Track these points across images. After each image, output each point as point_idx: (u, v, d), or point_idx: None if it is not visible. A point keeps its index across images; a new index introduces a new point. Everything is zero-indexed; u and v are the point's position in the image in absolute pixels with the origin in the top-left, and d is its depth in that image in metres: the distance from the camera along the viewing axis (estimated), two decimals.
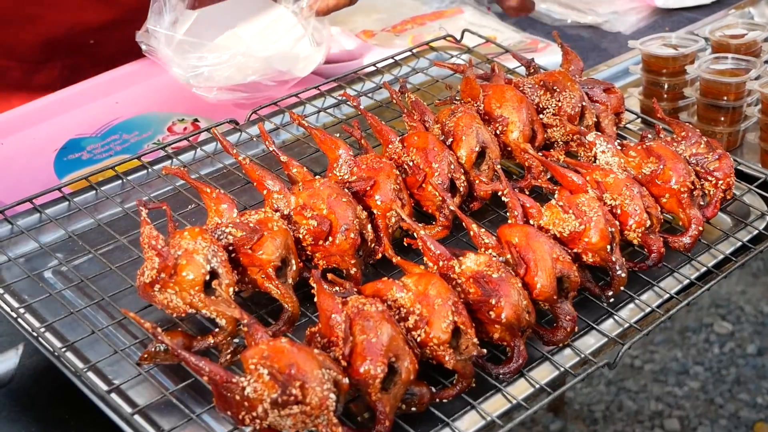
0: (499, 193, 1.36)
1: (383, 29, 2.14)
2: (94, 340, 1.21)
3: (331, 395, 1.01)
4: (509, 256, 1.23)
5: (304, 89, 1.72)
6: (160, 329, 1.11)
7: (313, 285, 1.15)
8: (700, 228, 1.37)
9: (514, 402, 1.14)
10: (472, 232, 1.28)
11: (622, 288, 1.29)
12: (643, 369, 3.18)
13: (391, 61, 1.82)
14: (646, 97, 1.79)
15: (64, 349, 1.19)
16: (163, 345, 1.13)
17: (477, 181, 1.41)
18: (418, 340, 1.12)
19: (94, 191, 1.48)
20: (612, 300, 1.30)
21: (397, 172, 1.36)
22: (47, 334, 1.21)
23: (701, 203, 1.41)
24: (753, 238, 1.42)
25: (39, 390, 1.23)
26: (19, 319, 1.23)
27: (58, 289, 1.31)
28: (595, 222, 1.27)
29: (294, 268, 1.23)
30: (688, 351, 3.25)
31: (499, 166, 1.41)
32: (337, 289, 1.18)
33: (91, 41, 1.98)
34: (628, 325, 1.26)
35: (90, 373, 1.16)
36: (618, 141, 1.48)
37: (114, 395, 1.13)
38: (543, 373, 1.19)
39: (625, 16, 2.21)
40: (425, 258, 1.24)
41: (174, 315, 1.18)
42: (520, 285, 1.18)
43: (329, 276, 1.21)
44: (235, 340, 1.17)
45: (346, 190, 1.31)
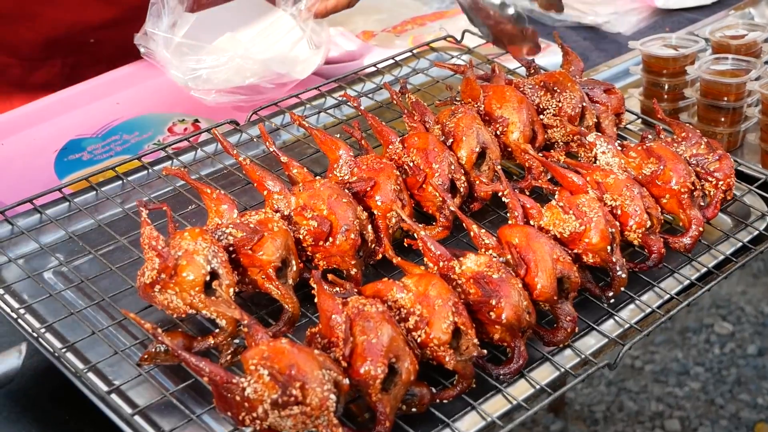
0: (500, 193, 1.36)
1: (384, 30, 2.14)
2: (94, 341, 1.21)
3: (332, 396, 1.01)
4: (509, 257, 1.23)
5: (305, 90, 1.72)
6: (160, 330, 1.11)
7: (314, 286, 1.15)
8: (701, 229, 1.37)
9: (515, 403, 1.14)
10: (472, 233, 1.28)
11: (622, 289, 1.29)
12: (643, 369, 3.18)
13: (391, 61, 1.81)
14: (646, 98, 1.79)
15: (64, 349, 1.19)
16: (164, 346, 1.13)
17: (477, 181, 1.41)
18: (419, 340, 1.12)
19: (95, 192, 1.48)
20: (612, 300, 1.30)
21: (398, 173, 1.36)
22: (47, 335, 1.21)
23: (701, 204, 1.41)
24: (753, 239, 1.42)
25: (39, 390, 1.23)
26: (19, 320, 1.23)
27: (58, 290, 1.31)
28: (595, 223, 1.27)
29: (294, 268, 1.23)
30: (689, 351, 3.25)
31: (499, 166, 1.41)
32: (337, 289, 1.18)
33: (92, 40, 1.98)
34: (628, 325, 1.26)
35: (90, 374, 1.16)
36: (618, 142, 1.48)
37: (114, 396, 1.13)
38: (543, 374, 1.19)
39: (626, 16, 2.20)
40: (425, 259, 1.24)
41: (174, 316, 1.18)
42: (520, 286, 1.18)
43: (329, 277, 1.21)
44: (236, 341, 1.17)
45: (346, 190, 1.31)
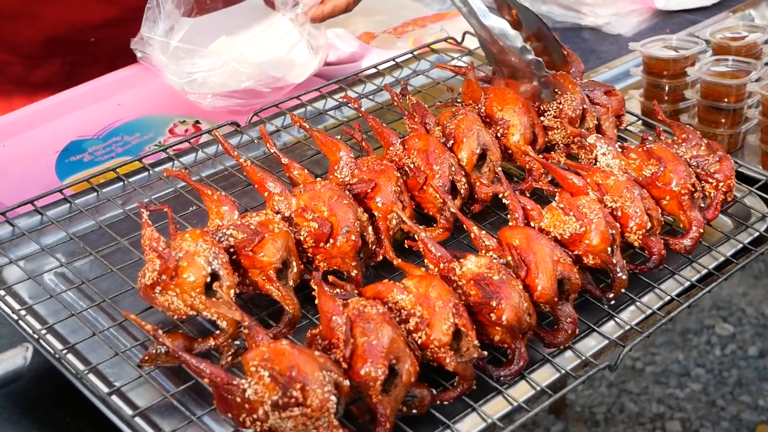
0: (500, 195, 1.36)
1: (384, 31, 2.14)
2: (94, 342, 1.21)
3: (332, 397, 1.01)
4: (510, 258, 1.23)
5: (306, 91, 1.72)
6: (160, 331, 1.11)
7: (314, 287, 1.15)
8: (701, 230, 1.37)
9: (515, 404, 1.14)
10: (472, 234, 1.28)
11: (622, 290, 1.29)
12: (644, 371, 3.18)
13: (392, 63, 1.82)
14: (646, 99, 1.79)
15: (64, 351, 1.19)
16: (164, 347, 1.13)
17: (478, 183, 1.41)
18: (419, 342, 1.12)
19: (96, 193, 1.48)
20: (613, 302, 1.30)
21: (398, 175, 1.36)
22: (48, 336, 1.21)
23: (702, 205, 1.41)
24: (754, 240, 1.42)
25: (40, 392, 1.23)
26: (20, 321, 1.23)
27: (59, 291, 1.31)
28: (595, 224, 1.27)
29: (295, 270, 1.23)
30: (690, 353, 3.25)
31: (500, 168, 1.41)
32: (338, 291, 1.19)
33: (92, 39, 1.98)
34: (629, 327, 1.26)
35: (91, 375, 1.16)
36: (619, 143, 1.48)
37: (115, 397, 1.13)
38: (544, 375, 1.19)
39: (626, 18, 2.20)
40: (426, 260, 1.24)
41: (175, 317, 1.18)
42: (520, 287, 1.18)
43: (330, 278, 1.21)
44: (236, 342, 1.17)
45: (347, 192, 1.31)
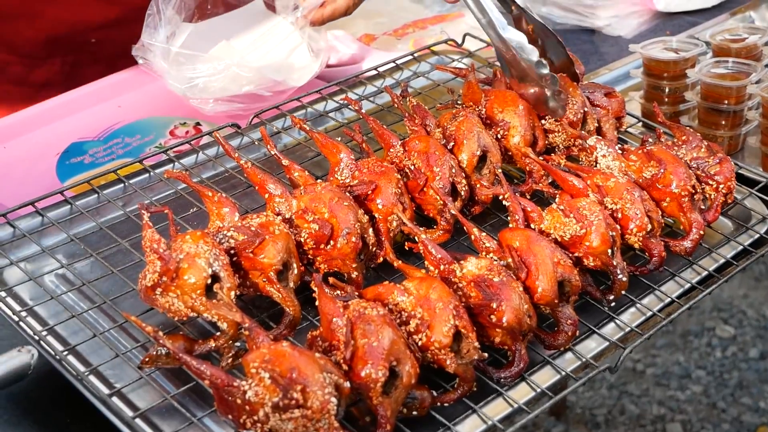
0: (500, 197, 1.36)
1: (385, 33, 2.14)
2: (95, 344, 1.21)
3: (333, 399, 1.01)
4: (510, 260, 1.23)
5: (306, 93, 1.72)
6: (161, 333, 1.11)
7: (315, 289, 1.15)
8: (701, 232, 1.37)
9: (516, 406, 1.14)
10: (473, 236, 1.29)
11: (623, 292, 1.29)
12: (645, 373, 3.18)
13: (392, 64, 1.82)
14: (647, 101, 1.79)
15: (65, 352, 1.19)
16: (165, 348, 1.13)
17: (478, 185, 1.41)
18: (420, 344, 1.12)
19: (96, 195, 1.48)
20: (613, 304, 1.30)
21: (399, 176, 1.36)
22: (49, 338, 1.21)
23: (702, 207, 1.41)
24: (754, 242, 1.42)
25: (40, 393, 1.23)
26: (20, 323, 1.23)
27: (59, 293, 1.31)
28: (596, 226, 1.27)
29: (295, 271, 1.23)
30: (691, 355, 3.25)
31: (500, 170, 1.41)
32: (338, 292, 1.19)
33: (93, 39, 1.98)
34: (629, 329, 1.26)
35: (91, 377, 1.16)
36: (619, 145, 1.48)
37: (115, 399, 1.13)
38: (544, 377, 1.19)
39: (626, 19, 2.20)
40: (426, 262, 1.24)
41: (175, 318, 1.18)
42: (521, 289, 1.18)
43: (330, 280, 1.21)
44: (237, 344, 1.17)
45: (347, 194, 1.31)
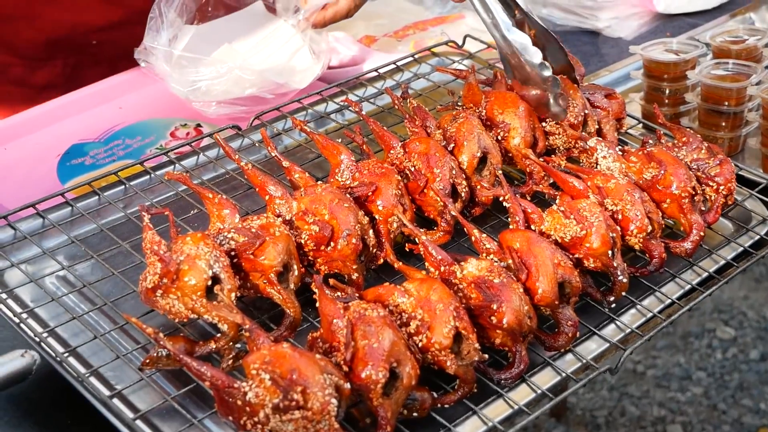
0: (501, 198, 1.37)
1: (385, 35, 2.14)
2: (96, 345, 1.21)
3: (333, 400, 1.02)
4: (510, 262, 1.23)
5: (307, 95, 1.72)
6: (162, 334, 1.11)
7: (315, 290, 1.15)
8: (702, 233, 1.37)
9: (516, 407, 1.14)
10: (473, 238, 1.29)
11: (623, 293, 1.29)
12: (645, 374, 3.18)
13: (392, 66, 1.82)
14: (647, 103, 1.79)
15: (66, 354, 1.19)
16: (165, 350, 1.13)
17: (478, 186, 1.41)
18: (420, 345, 1.12)
19: (97, 196, 1.49)
20: (613, 305, 1.30)
21: (399, 178, 1.36)
22: (49, 339, 1.21)
23: (702, 208, 1.41)
24: (754, 244, 1.42)
25: (41, 395, 1.23)
26: (21, 324, 1.23)
27: (60, 294, 1.31)
28: (596, 227, 1.27)
29: (296, 273, 1.23)
30: (691, 356, 3.25)
31: (500, 171, 1.42)
32: (338, 294, 1.19)
33: (94, 41, 1.98)
34: (629, 330, 1.26)
35: (92, 378, 1.16)
36: (619, 146, 1.49)
37: (116, 400, 1.13)
38: (545, 379, 1.19)
39: (627, 21, 2.20)
40: (427, 263, 1.24)
41: (176, 320, 1.18)
42: (521, 290, 1.18)
43: (331, 281, 1.21)
44: (237, 346, 1.17)
45: (347, 195, 1.31)
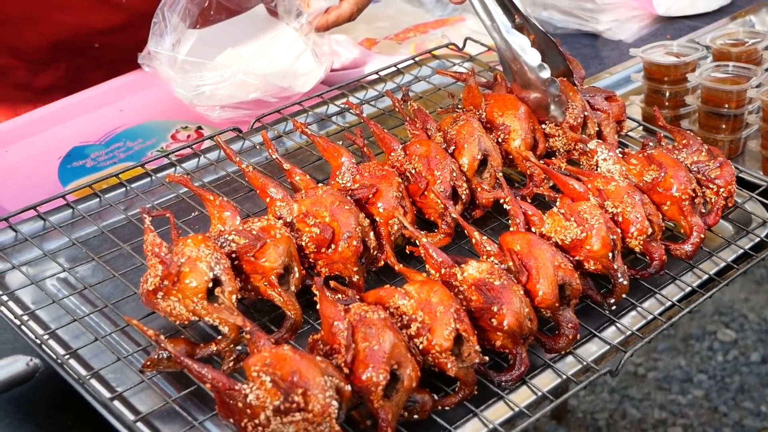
0: (501, 200, 1.37)
1: (386, 37, 2.15)
2: (97, 348, 1.21)
3: (334, 402, 1.02)
4: (511, 264, 1.23)
5: (308, 97, 1.72)
6: (163, 336, 1.11)
7: (316, 292, 1.15)
8: (702, 235, 1.37)
9: (517, 409, 1.14)
10: (473, 240, 1.29)
11: (623, 295, 1.29)
12: (646, 377, 3.18)
13: (393, 69, 1.82)
14: (647, 105, 1.79)
15: (67, 356, 1.19)
16: (166, 352, 1.13)
17: (479, 188, 1.41)
18: (421, 347, 1.12)
19: (98, 199, 1.49)
20: (614, 307, 1.30)
21: (400, 180, 1.37)
22: (50, 341, 1.21)
23: (702, 211, 1.41)
24: (755, 246, 1.42)
25: (42, 397, 1.23)
26: (22, 326, 1.23)
27: (61, 297, 1.31)
28: (596, 229, 1.27)
29: (297, 275, 1.23)
30: (692, 359, 3.25)
31: (500, 173, 1.42)
32: (339, 296, 1.19)
33: (97, 44, 1.98)
34: (630, 332, 1.26)
35: (93, 381, 1.16)
36: (619, 149, 1.49)
37: (117, 402, 1.13)
38: (545, 381, 1.19)
39: (627, 24, 2.21)
40: (427, 265, 1.24)
41: (177, 322, 1.19)
42: (522, 292, 1.18)
43: (332, 283, 1.21)
44: (238, 348, 1.17)
45: (348, 197, 1.32)
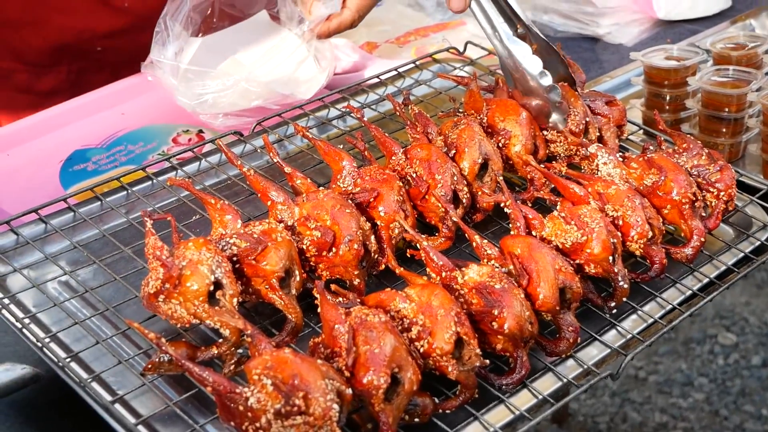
0: (502, 204, 1.37)
1: (387, 41, 2.15)
2: (98, 351, 1.22)
3: (335, 406, 1.02)
4: (512, 267, 1.23)
5: (309, 101, 1.73)
6: (164, 340, 1.11)
7: (317, 296, 1.15)
8: (702, 239, 1.37)
9: (517, 413, 1.14)
10: (474, 243, 1.29)
11: (624, 299, 1.29)
12: (647, 380, 3.17)
13: (394, 72, 1.82)
14: (647, 109, 1.79)
15: (68, 359, 1.19)
16: (167, 355, 1.13)
17: (480, 192, 1.42)
18: (421, 350, 1.12)
19: (99, 202, 1.49)
20: (614, 311, 1.30)
21: (401, 184, 1.37)
22: (52, 345, 1.22)
23: (703, 214, 1.41)
24: (755, 249, 1.42)
25: (43, 400, 1.23)
26: (23, 330, 1.24)
27: (62, 300, 1.32)
28: (597, 233, 1.27)
29: (298, 278, 1.24)
30: (693, 362, 3.24)
31: (501, 177, 1.42)
32: (340, 299, 1.19)
33: (99, 48, 1.98)
34: (630, 336, 1.26)
35: (94, 384, 1.17)
36: (620, 153, 1.49)
37: (118, 406, 1.14)
38: (546, 384, 1.19)
39: (627, 27, 2.21)
40: (428, 269, 1.24)
41: (178, 325, 1.19)
42: (522, 296, 1.18)
43: (332, 287, 1.21)
44: (239, 351, 1.17)
45: (349, 201, 1.32)
